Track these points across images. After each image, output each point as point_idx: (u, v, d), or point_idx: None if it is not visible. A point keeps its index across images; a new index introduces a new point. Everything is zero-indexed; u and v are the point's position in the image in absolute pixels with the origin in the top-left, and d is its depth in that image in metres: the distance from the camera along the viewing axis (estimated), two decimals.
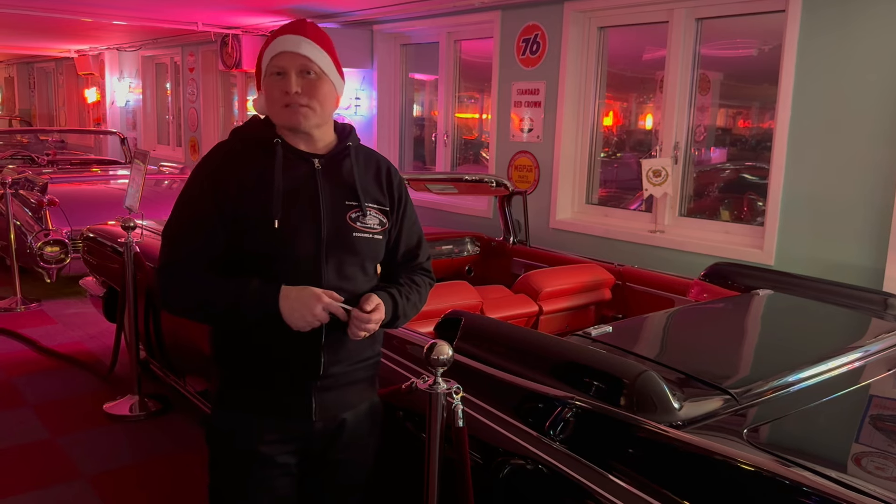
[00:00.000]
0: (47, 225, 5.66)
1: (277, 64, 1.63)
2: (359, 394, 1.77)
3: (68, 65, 12.58)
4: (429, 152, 6.22)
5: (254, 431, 1.69)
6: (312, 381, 1.67)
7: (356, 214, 1.68)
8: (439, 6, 5.26)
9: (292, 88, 1.61)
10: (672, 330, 2.31)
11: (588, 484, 1.51)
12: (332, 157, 1.71)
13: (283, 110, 1.63)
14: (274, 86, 1.64)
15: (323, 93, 1.65)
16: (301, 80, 1.63)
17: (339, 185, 1.69)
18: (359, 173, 1.72)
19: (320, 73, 1.65)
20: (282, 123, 1.67)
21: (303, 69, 1.63)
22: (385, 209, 1.75)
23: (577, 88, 4.69)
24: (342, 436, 1.75)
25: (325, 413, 1.70)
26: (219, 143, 1.74)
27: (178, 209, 1.69)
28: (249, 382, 1.69)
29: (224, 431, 1.73)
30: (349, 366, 1.71)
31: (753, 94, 4.15)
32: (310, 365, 1.65)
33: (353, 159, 1.73)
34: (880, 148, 3.29)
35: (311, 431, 1.70)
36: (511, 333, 2.09)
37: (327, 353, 1.66)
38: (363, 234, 1.68)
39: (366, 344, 1.73)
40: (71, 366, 4.41)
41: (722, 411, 1.66)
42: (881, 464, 1.51)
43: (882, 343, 2.13)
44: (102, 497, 2.98)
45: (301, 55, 1.62)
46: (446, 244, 4.06)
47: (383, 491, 2.11)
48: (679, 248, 4.09)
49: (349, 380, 1.72)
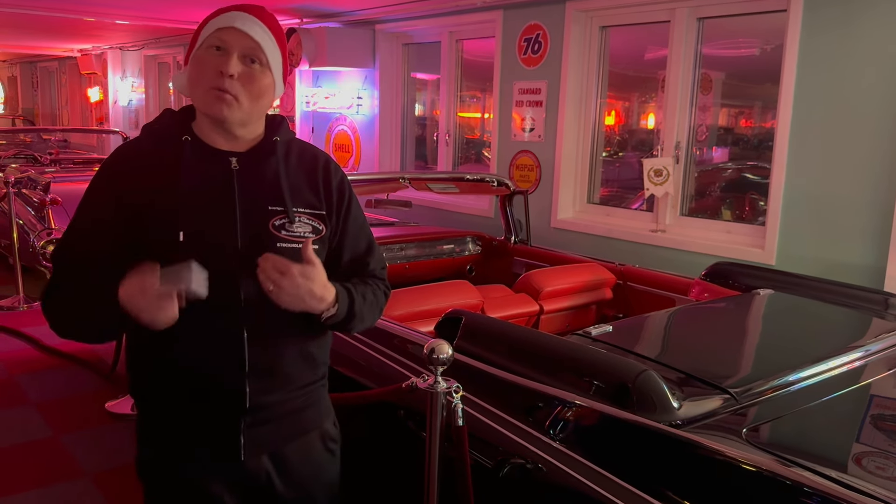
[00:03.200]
0: (50, 224, 5.67)
1: (221, 37, 1.37)
2: (304, 423, 1.54)
3: (71, 64, 12.60)
4: (430, 152, 6.23)
5: (182, 472, 1.48)
6: (239, 415, 1.43)
7: (280, 221, 1.42)
8: (441, 6, 5.27)
9: (229, 70, 1.35)
10: (672, 329, 2.31)
11: (588, 483, 1.51)
12: (253, 154, 1.45)
13: (209, 93, 1.37)
14: (208, 60, 1.37)
15: (261, 86, 1.40)
16: (241, 66, 1.38)
17: (261, 187, 1.43)
18: (286, 173, 1.46)
19: (265, 65, 1.41)
20: (202, 108, 1.41)
21: (248, 53, 1.38)
22: (320, 213, 1.48)
23: (579, 88, 4.69)
24: (286, 471, 1.52)
25: (259, 451, 1.47)
26: (125, 141, 1.48)
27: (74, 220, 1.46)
28: (168, 418, 1.47)
29: (150, 471, 1.53)
30: (287, 394, 1.48)
31: (755, 94, 4.14)
32: (233, 395, 1.42)
33: (280, 157, 1.47)
34: (882, 147, 3.29)
35: (243, 471, 1.47)
36: (511, 333, 2.09)
37: (253, 379, 1.41)
38: (290, 244, 1.41)
39: (305, 368, 1.51)
40: (73, 364, 4.42)
41: (721, 411, 1.66)
42: (881, 463, 1.51)
43: (882, 343, 2.13)
44: (105, 495, 2.99)
45: (251, 37, 1.38)
46: (447, 243, 4.07)
47: (383, 490, 2.11)
48: (680, 247, 4.09)
49: (288, 409, 1.49)
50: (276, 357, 1.45)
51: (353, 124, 6.53)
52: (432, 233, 4.06)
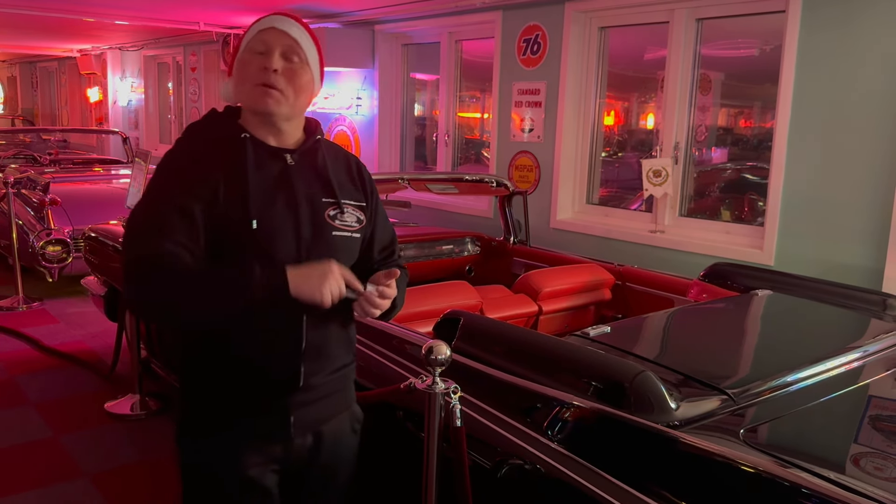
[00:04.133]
0: (49, 224, 5.68)
1: (262, 39, 1.51)
2: (338, 404, 1.69)
3: (71, 64, 12.60)
4: (430, 152, 6.23)
5: (231, 457, 1.57)
6: (291, 395, 1.56)
7: (334, 212, 1.58)
8: (440, 6, 5.27)
9: (273, 65, 1.48)
10: (671, 330, 2.31)
11: (586, 484, 1.51)
12: (304, 152, 1.59)
13: (256, 89, 1.49)
14: (252, 62, 1.50)
15: (302, 81, 1.53)
16: (283, 62, 1.50)
17: (315, 181, 1.58)
18: (332, 169, 1.61)
19: (304, 60, 1.53)
20: (250, 105, 1.53)
21: (288, 51, 1.51)
22: (361, 205, 1.65)
23: (578, 88, 4.69)
24: (322, 449, 1.66)
25: (305, 428, 1.61)
26: (178, 140, 1.56)
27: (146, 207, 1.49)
28: (224, 405, 1.57)
29: (199, 463, 1.61)
30: (328, 375, 1.62)
31: (755, 94, 4.15)
32: (289, 376, 1.55)
33: (324, 154, 1.62)
34: (880, 148, 3.29)
35: (290, 449, 1.61)
36: (510, 334, 2.09)
37: (307, 361, 1.56)
38: (342, 232, 1.58)
39: (343, 350, 1.67)
40: (73, 365, 4.42)
41: (719, 411, 1.66)
42: (879, 464, 1.51)
43: (880, 343, 2.13)
44: (104, 495, 2.99)
45: (290, 35, 1.51)
46: (447, 244, 4.07)
47: (382, 491, 2.11)
48: (679, 248, 4.10)
49: (327, 391, 1.64)
50: (325, 339, 1.59)
51: (353, 124, 6.53)
52: (431, 233, 4.06)
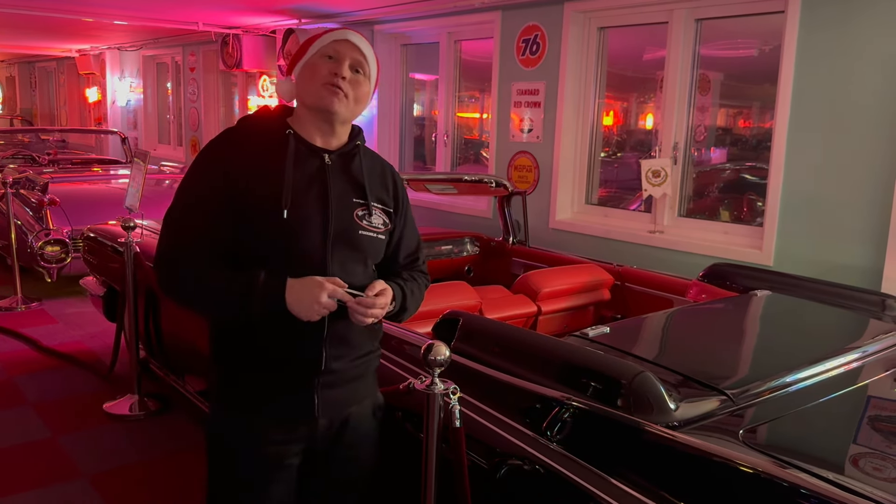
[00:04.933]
0: (48, 224, 5.67)
1: (335, 48, 1.65)
2: (362, 390, 1.78)
3: (69, 64, 12.60)
4: (429, 152, 6.23)
5: (258, 432, 1.68)
6: (315, 378, 1.66)
7: (363, 213, 1.69)
8: (440, 6, 5.27)
9: (343, 72, 1.63)
10: (670, 331, 2.31)
11: (585, 485, 1.51)
12: (343, 154, 1.72)
13: (325, 87, 1.62)
14: (323, 65, 1.64)
15: (363, 92, 1.68)
16: (350, 72, 1.65)
17: (348, 182, 1.70)
18: (367, 173, 1.73)
19: (367, 75, 1.69)
20: (316, 102, 1.64)
21: (356, 63, 1.66)
22: (389, 210, 1.77)
23: (577, 88, 4.69)
24: (346, 433, 1.75)
25: (329, 410, 1.70)
26: (226, 129, 1.71)
27: (183, 193, 1.66)
28: (251, 382, 1.68)
29: (225, 434, 1.71)
30: (350, 361, 1.71)
31: (754, 94, 4.15)
32: (312, 360, 1.65)
33: (362, 158, 1.74)
34: (879, 148, 3.29)
35: (315, 430, 1.70)
36: (509, 334, 2.09)
37: (329, 347, 1.66)
38: (368, 232, 1.69)
39: (367, 338, 1.74)
40: (71, 365, 4.42)
41: (718, 412, 1.66)
42: (878, 465, 1.51)
43: (879, 344, 2.13)
44: (103, 496, 2.99)
45: (360, 50, 1.67)
46: (446, 244, 4.07)
47: (381, 491, 2.11)
48: (678, 248, 4.10)
49: (352, 375, 1.72)
50: (348, 327, 1.66)
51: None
52: (431, 234, 4.06)
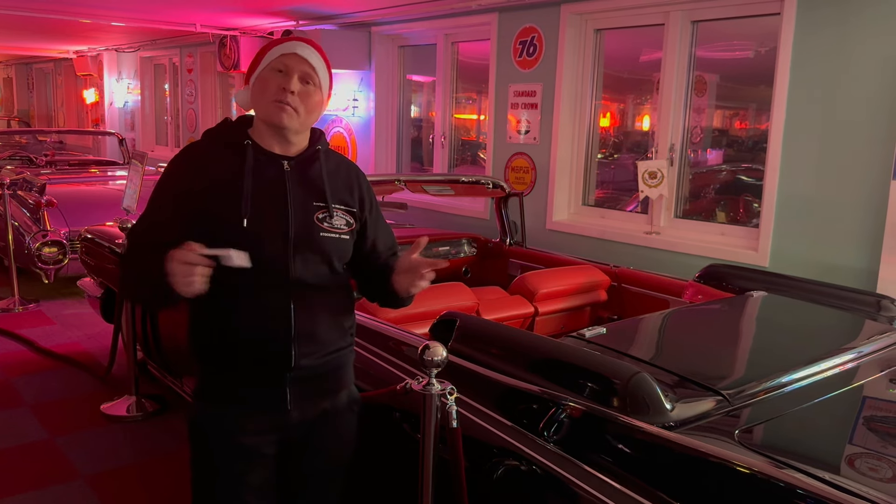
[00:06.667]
0: (45, 226, 5.67)
1: (283, 62, 1.69)
2: (334, 383, 1.82)
3: (67, 65, 12.58)
4: (426, 153, 6.23)
5: (233, 424, 1.73)
6: (286, 374, 1.71)
7: (323, 215, 1.74)
8: (437, 8, 5.28)
9: (291, 87, 1.67)
10: (666, 331, 2.32)
11: (581, 485, 1.52)
12: (303, 160, 1.76)
13: (273, 104, 1.68)
14: (272, 80, 1.69)
15: (314, 102, 1.73)
16: (299, 84, 1.69)
17: (308, 186, 1.74)
18: (327, 176, 1.77)
19: (317, 85, 1.73)
20: (266, 117, 1.71)
21: (305, 76, 1.70)
22: (352, 210, 1.81)
23: (574, 90, 4.70)
24: (320, 425, 1.80)
25: (301, 403, 1.75)
26: (189, 143, 1.76)
27: (147, 209, 1.75)
28: (225, 377, 1.73)
29: (203, 424, 1.77)
30: (320, 357, 1.75)
31: (750, 96, 4.16)
32: (281, 358, 1.70)
33: (323, 162, 1.78)
34: (875, 150, 3.30)
35: (289, 421, 1.75)
36: (505, 335, 2.09)
37: (298, 345, 1.70)
38: (330, 234, 1.74)
39: (336, 335, 1.79)
40: (69, 366, 4.42)
41: (714, 412, 1.67)
42: (873, 465, 1.52)
43: (875, 344, 2.14)
44: (100, 497, 2.99)
45: (309, 63, 1.71)
46: (443, 245, 4.07)
47: (379, 491, 2.12)
48: (674, 249, 4.11)
49: (323, 371, 1.77)
50: (315, 325, 1.73)
51: (349, 126, 6.53)
52: (428, 235, 4.06)
